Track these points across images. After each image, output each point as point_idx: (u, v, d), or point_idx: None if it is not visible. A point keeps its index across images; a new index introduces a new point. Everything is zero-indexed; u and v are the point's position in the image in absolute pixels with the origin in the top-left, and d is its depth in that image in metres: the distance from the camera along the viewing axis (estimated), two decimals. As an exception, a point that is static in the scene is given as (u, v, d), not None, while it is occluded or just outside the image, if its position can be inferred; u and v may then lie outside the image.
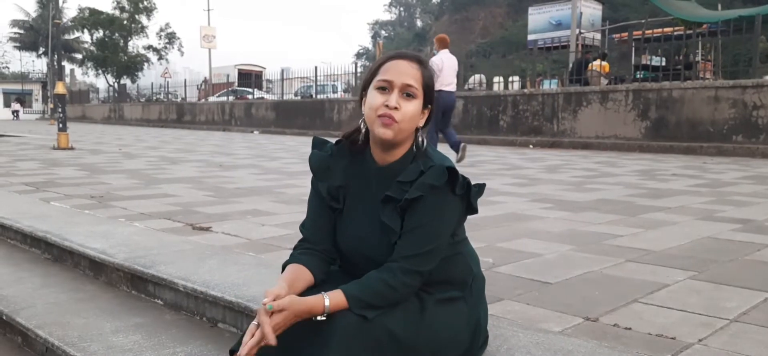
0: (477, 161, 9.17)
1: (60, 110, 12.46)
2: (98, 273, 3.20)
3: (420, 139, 1.70)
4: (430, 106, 1.71)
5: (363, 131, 1.72)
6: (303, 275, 1.65)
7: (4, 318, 2.75)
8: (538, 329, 2.04)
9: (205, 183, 6.36)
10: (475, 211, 1.70)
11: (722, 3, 20.60)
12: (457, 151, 8.75)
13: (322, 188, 1.76)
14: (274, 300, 1.50)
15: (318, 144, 1.83)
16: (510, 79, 17.32)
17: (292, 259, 1.71)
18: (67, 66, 51.73)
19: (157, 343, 2.32)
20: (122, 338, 2.38)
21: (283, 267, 1.71)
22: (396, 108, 1.61)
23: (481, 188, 1.73)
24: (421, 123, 1.69)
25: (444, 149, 4.52)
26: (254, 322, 1.50)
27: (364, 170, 1.74)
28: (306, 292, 1.61)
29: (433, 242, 1.62)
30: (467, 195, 1.67)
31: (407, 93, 1.63)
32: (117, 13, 44.90)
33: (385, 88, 1.63)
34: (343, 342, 1.49)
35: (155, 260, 2.95)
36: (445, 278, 1.69)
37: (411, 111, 1.63)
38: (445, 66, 8.79)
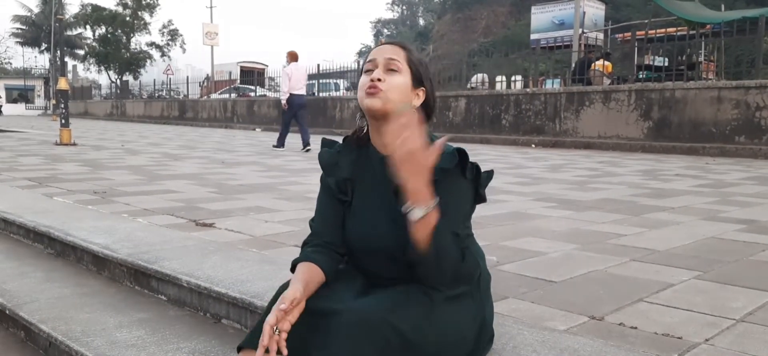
0: (479, 160, 9.11)
1: (62, 106, 12.46)
2: (101, 268, 3.19)
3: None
4: (423, 86, 1.72)
5: (363, 125, 1.75)
6: (315, 274, 1.65)
7: (8, 312, 2.75)
8: (543, 327, 2.04)
9: (208, 180, 6.36)
10: (483, 199, 1.72)
11: (725, 4, 20.56)
12: (280, 144, 11.38)
13: (331, 182, 1.78)
14: (292, 303, 1.51)
15: (327, 143, 1.86)
16: (512, 78, 17.29)
17: (304, 257, 1.70)
18: (70, 62, 51.80)
19: (160, 339, 2.32)
20: (126, 333, 2.37)
21: (293, 265, 1.71)
22: (380, 79, 1.65)
23: (489, 174, 1.75)
24: (416, 102, 1.71)
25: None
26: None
27: (370, 162, 1.75)
28: (317, 291, 1.62)
29: (460, 226, 1.65)
30: (476, 181, 1.69)
31: (391, 69, 1.67)
32: (119, 9, 44.96)
33: (371, 69, 1.69)
34: (349, 340, 1.48)
35: (159, 256, 2.94)
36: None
37: (396, 82, 1.66)
38: (293, 75, 11.12)
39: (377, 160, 1.73)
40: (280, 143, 11.48)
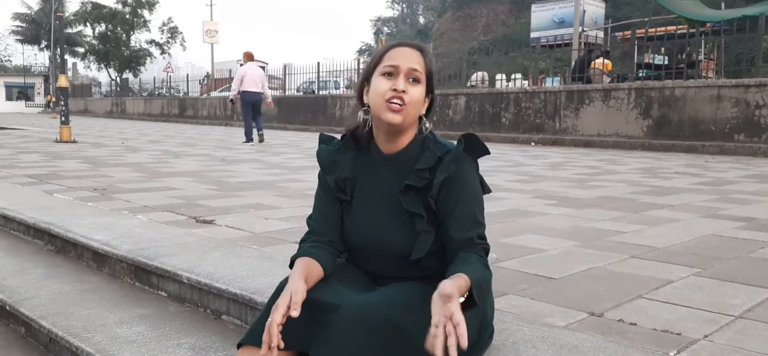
0: (479, 158, 9.16)
1: (62, 103, 12.45)
2: (102, 264, 3.20)
3: (424, 125, 1.72)
4: (431, 95, 1.72)
5: (366, 121, 1.74)
6: (314, 269, 1.64)
7: (8, 308, 2.76)
8: (543, 324, 2.04)
9: (208, 177, 6.36)
10: (488, 190, 1.75)
11: (726, 2, 20.54)
12: (254, 139, 12.20)
13: (330, 181, 1.78)
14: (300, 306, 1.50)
15: (325, 140, 1.85)
16: (512, 76, 17.29)
17: (302, 253, 1.70)
18: (70, 60, 51.77)
19: (161, 335, 2.32)
20: (126, 329, 2.38)
21: (291, 261, 1.70)
22: (404, 91, 1.62)
23: (481, 146, 1.73)
24: (423, 111, 1.71)
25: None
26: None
27: (371, 162, 1.75)
28: (316, 286, 1.61)
29: (481, 212, 1.68)
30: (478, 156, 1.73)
31: (413, 78, 1.64)
32: (119, 7, 44.95)
33: (392, 73, 1.64)
34: (350, 335, 1.48)
35: (159, 252, 2.95)
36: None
37: (417, 96, 1.65)
38: (248, 75, 12.16)
39: (380, 160, 1.73)
40: (249, 138, 12.31)
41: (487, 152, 1.74)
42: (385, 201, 1.71)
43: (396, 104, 1.62)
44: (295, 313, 1.46)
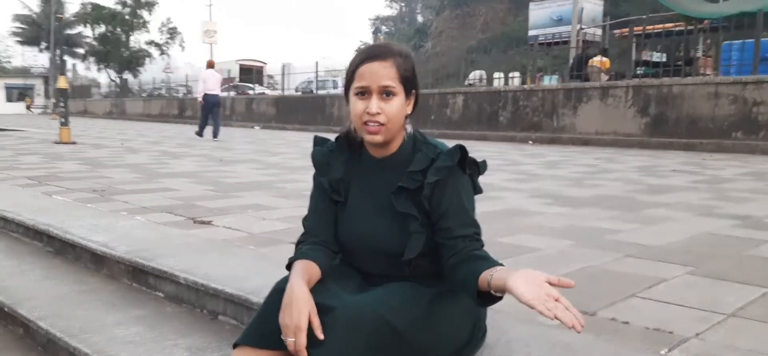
0: (477, 157, 9.17)
1: (62, 104, 12.46)
2: (100, 265, 3.21)
3: (407, 125, 1.72)
4: (414, 89, 1.70)
5: (354, 131, 1.75)
6: (314, 272, 1.65)
7: (6, 309, 2.77)
8: (535, 322, 2.05)
9: (206, 178, 6.38)
10: (479, 190, 1.75)
11: (724, -1, 20.52)
12: (199, 134, 13.88)
13: (324, 182, 1.79)
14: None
15: (319, 142, 1.86)
16: (510, 75, 17.31)
17: (302, 255, 1.70)
18: (69, 61, 51.69)
19: (158, 335, 2.34)
20: (124, 330, 2.39)
21: (289, 263, 1.70)
22: (378, 112, 1.62)
23: (483, 164, 1.76)
24: (409, 111, 1.70)
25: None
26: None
27: (364, 164, 1.77)
28: (312, 288, 1.61)
29: (474, 211, 1.69)
30: (475, 174, 1.73)
31: (387, 93, 1.63)
32: (119, 7, 44.96)
33: (364, 93, 1.63)
34: (344, 336, 1.49)
35: (156, 254, 2.96)
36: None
37: (394, 110, 1.64)
38: (209, 79, 14.18)
39: (371, 163, 1.75)
40: (200, 133, 13.88)
41: (479, 172, 1.75)
42: (378, 202, 1.72)
43: (372, 126, 1.63)
44: (322, 336, 1.49)
